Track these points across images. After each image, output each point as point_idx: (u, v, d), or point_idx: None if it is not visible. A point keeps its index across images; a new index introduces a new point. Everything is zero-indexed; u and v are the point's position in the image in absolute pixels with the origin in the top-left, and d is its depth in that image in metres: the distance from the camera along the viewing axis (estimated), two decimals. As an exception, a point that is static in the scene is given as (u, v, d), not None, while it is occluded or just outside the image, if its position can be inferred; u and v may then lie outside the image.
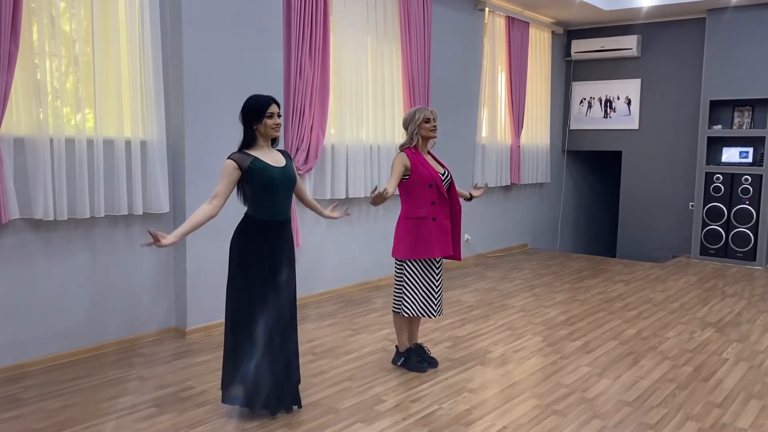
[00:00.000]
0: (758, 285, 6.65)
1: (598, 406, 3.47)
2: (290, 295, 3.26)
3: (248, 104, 3.14)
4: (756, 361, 4.25)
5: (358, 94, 5.81)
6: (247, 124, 3.15)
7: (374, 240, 6.28)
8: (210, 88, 4.57)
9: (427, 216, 3.81)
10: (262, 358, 3.15)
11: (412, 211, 3.83)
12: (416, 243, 3.81)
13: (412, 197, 3.83)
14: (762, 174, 7.52)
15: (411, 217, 3.83)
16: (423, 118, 3.83)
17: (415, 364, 3.98)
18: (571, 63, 9.15)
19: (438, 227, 3.84)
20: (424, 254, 3.82)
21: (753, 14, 7.44)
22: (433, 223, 3.82)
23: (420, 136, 3.84)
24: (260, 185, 3.11)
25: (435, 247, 3.82)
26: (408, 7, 6.18)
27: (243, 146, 3.18)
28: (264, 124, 3.14)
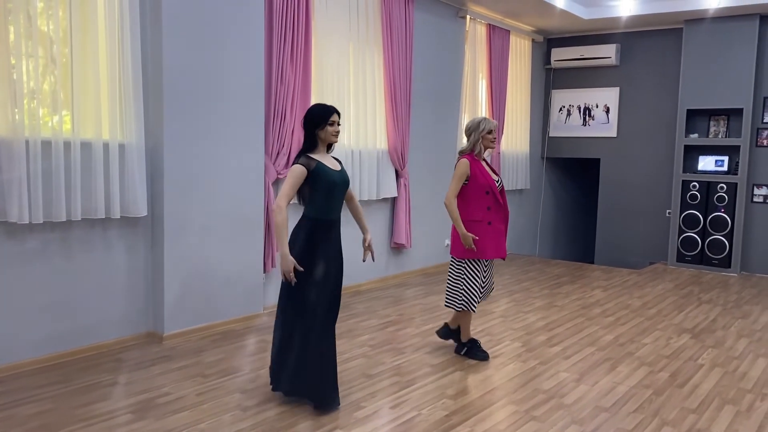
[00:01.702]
0: (733, 292, 6.75)
1: (575, 412, 3.49)
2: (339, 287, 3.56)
3: (313, 111, 3.41)
4: (731, 367, 4.31)
5: (339, 99, 5.81)
6: (310, 129, 3.40)
7: (354, 245, 6.26)
8: (190, 91, 4.54)
9: (483, 220, 4.14)
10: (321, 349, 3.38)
11: (470, 214, 4.14)
12: (474, 244, 4.10)
13: (470, 202, 4.14)
14: (737, 182, 7.65)
15: (468, 220, 4.14)
16: (487, 129, 4.17)
17: (478, 352, 4.30)
18: (550, 71, 9.24)
19: (493, 231, 4.16)
20: (478, 255, 4.14)
21: (729, 25, 7.58)
22: (489, 226, 4.14)
23: (482, 145, 4.19)
24: (322, 187, 3.37)
25: (489, 250, 4.15)
26: (390, 13, 6.20)
27: (304, 150, 3.43)
28: (325, 131, 3.40)
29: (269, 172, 5.16)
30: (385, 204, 6.61)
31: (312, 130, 3.39)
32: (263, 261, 5.19)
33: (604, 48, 8.59)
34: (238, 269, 4.98)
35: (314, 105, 3.48)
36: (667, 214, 8.34)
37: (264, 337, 4.70)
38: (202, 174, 4.67)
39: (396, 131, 6.39)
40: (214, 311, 4.84)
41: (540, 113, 9.28)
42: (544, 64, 9.21)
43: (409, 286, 6.56)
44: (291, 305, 3.42)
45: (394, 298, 6.01)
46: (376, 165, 6.26)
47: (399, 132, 6.43)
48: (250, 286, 5.09)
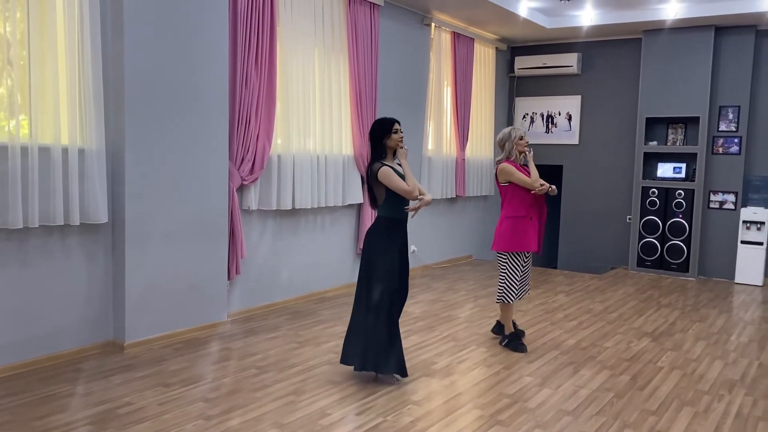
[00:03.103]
0: (691, 295, 6.92)
1: (539, 416, 3.53)
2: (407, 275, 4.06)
3: (380, 124, 3.96)
4: (689, 369, 4.41)
5: (305, 104, 5.79)
6: (379, 139, 3.92)
7: (320, 251, 6.25)
8: (152, 95, 4.47)
9: (526, 216, 4.61)
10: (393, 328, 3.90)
11: (514, 211, 4.63)
12: (516, 238, 4.58)
13: (515, 200, 4.64)
14: (694, 189, 7.86)
15: (513, 216, 4.63)
16: (518, 136, 4.68)
17: (519, 345, 4.65)
18: (514, 79, 9.37)
19: (533, 226, 4.63)
20: (523, 248, 4.60)
21: (686, 36, 7.79)
22: (530, 222, 4.62)
23: (516, 151, 4.67)
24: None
25: (531, 242, 4.61)
26: (355, 19, 6.22)
27: (377, 158, 3.92)
28: (391, 138, 3.91)
29: (233, 178, 5.11)
30: (350, 210, 6.61)
31: (380, 140, 3.91)
32: (227, 268, 5.13)
33: (566, 57, 8.75)
34: (202, 276, 4.92)
35: (378, 119, 4.01)
36: (627, 220, 8.52)
37: (228, 344, 4.65)
38: (165, 179, 4.60)
39: (362, 137, 6.40)
40: (177, 319, 4.77)
41: (504, 120, 9.40)
42: (507, 71, 9.34)
43: (375, 292, 6.56)
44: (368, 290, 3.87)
45: (360, 305, 5.99)
46: (341, 171, 6.25)
47: (365, 138, 6.43)
48: (213, 293, 5.03)
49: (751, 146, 7.74)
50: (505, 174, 4.66)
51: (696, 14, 7.33)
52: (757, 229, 7.51)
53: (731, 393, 3.98)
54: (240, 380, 3.95)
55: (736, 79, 7.68)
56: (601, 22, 7.87)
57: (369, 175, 3.94)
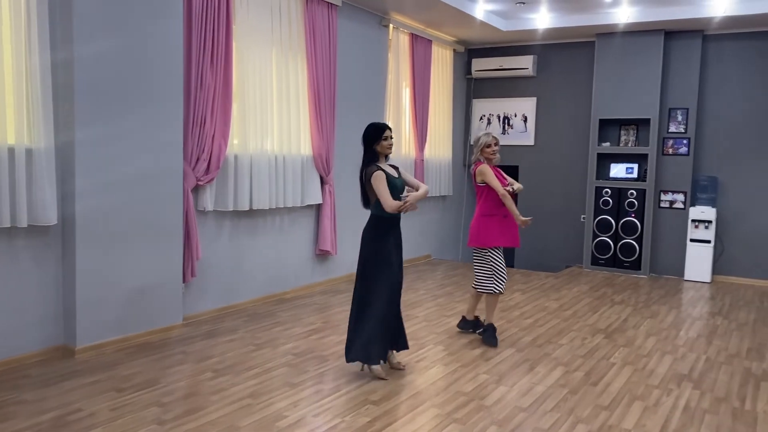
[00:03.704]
0: (643, 293, 7.11)
1: (495, 413, 3.58)
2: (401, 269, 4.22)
3: (371, 130, 4.09)
4: (640, 365, 4.53)
5: (262, 104, 5.74)
6: (369, 144, 4.08)
7: (279, 252, 6.20)
8: (104, 94, 4.37)
9: (499, 214, 4.88)
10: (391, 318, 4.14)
11: (489, 209, 4.89)
12: (492, 234, 4.87)
13: (489, 199, 4.89)
14: (645, 189, 8.07)
15: (488, 214, 4.89)
16: (484, 144, 4.91)
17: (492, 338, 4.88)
18: (471, 80, 9.47)
19: (509, 223, 4.91)
20: (499, 243, 4.88)
21: (638, 39, 8.00)
22: (504, 219, 4.89)
23: (483, 156, 4.90)
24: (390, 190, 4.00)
25: (504, 238, 4.90)
26: (313, 19, 6.19)
27: (368, 162, 4.08)
28: (381, 145, 4.06)
29: (188, 179, 5.03)
30: (309, 211, 6.58)
31: (371, 145, 4.07)
32: (182, 270, 5.05)
33: (521, 59, 8.89)
34: (156, 279, 4.83)
35: (370, 124, 4.13)
36: (581, 219, 8.69)
37: (184, 348, 4.57)
38: (117, 180, 4.50)
39: (320, 137, 6.38)
40: (130, 322, 4.67)
41: (462, 121, 9.49)
42: (465, 73, 9.43)
43: (334, 293, 6.55)
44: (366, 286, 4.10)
45: (319, 306, 5.98)
46: (300, 171, 6.22)
47: (323, 138, 6.42)
48: (168, 296, 4.94)
49: (699, 147, 7.99)
50: (483, 175, 4.87)
51: (646, 18, 7.53)
52: (705, 227, 7.75)
53: (680, 387, 4.10)
54: (195, 384, 3.89)
55: (685, 82, 7.92)
56: (555, 25, 8.01)
57: (363, 176, 4.09)
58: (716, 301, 6.80)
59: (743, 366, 4.57)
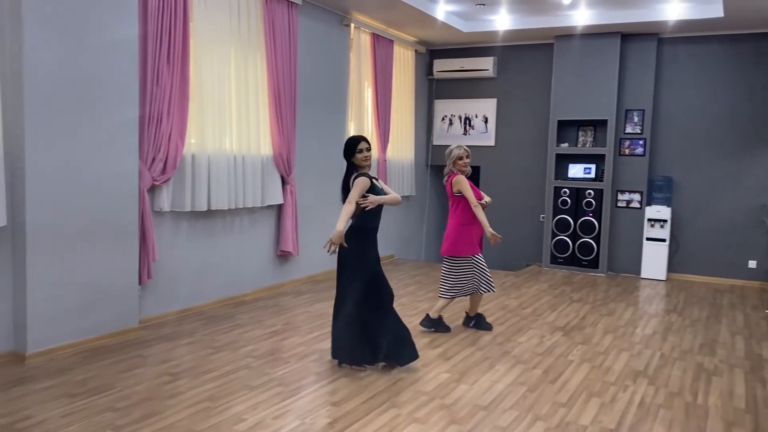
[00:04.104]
0: (600, 291, 7.24)
1: (455, 412, 3.59)
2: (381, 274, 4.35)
3: (346, 144, 4.23)
4: (597, 362, 4.60)
5: (221, 103, 5.66)
6: (347, 158, 4.21)
7: (238, 254, 6.12)
8: (55, 93, 4.24)
9: (476, 222, 5.12)
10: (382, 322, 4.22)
11: (466, 219, 5.12)
12: (472, 243, 5.14)
13: (466, 209, 5.10)
14: (603, 189, 8.22)
15: (466, 223, 5.13)
16: (457, 156, 5.09)
17: (443, 326, 5.24)
18: (433, 81, 9.51)
19: (480, 230, 5.16)
20: (477, 251, 5.16)
21: (595, 42, 8.14)
22: (480, 227, 5.14)
23: (455, 169, 5.09)
24: None
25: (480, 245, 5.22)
26: (273, 17, 6.13)
27: (352, 172, 4.19)
28: (356, 158, 4.18)
29: (144, 179, 4.92)
30: (270, 211, 6.51)
31: (348, 158, 4.21)
32: (138, 272, 4.94)
33: (482, 60, 8.96)
34: (111, 281, 4.71)
35: (349, 137, 4.28)
36: (541, 219, 8.81)
37: (140, 352, 4.47)
38: (70, 180, 4.38)
39: (281, 137, 6.32)
40: (84, 326, 4.55)
41: (424, 122, 9.52)
42: (427, 74, 9.47)
43: (296, 294, 6.50)
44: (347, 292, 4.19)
45: (280, 307, 5.92)
46: (260, 171, 6.15)
47: (284, 138, 6.36)
48: (123, 298, 4.83)
49: (654, 148, 8.17)
50: (460, 186, 5.08)
51: (603, 21, 7.67)
52: (661, 226, 7.94)
53: (635, 383, 4.18)
54: (152, 388, 3.81)
55: (641, 84, 8.09)
56: (515, 27, 8.10)
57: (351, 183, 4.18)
58: (671, 298, 6.96)
59: (696, 361, 4.68)
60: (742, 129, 7.72)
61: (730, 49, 7.73)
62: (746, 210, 7.73)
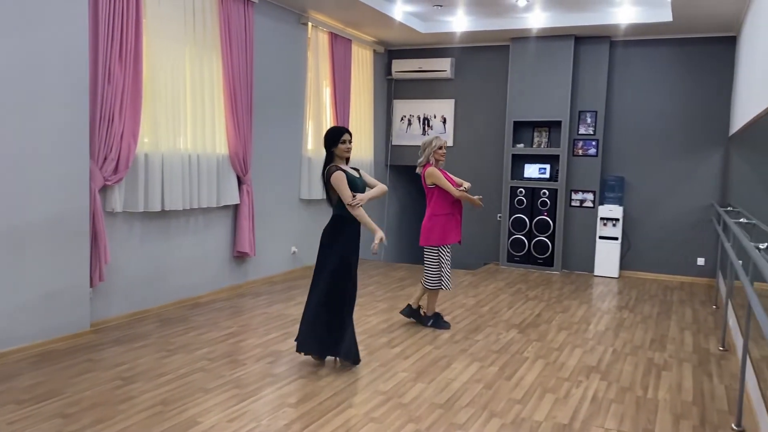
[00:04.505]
0: (555, 288, 7.37)
1: (412, 411, 3.60)
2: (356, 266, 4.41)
3: (328, 133, 4.25)
4: (551, 358, 4.69)
5: (175, 101, 5.57)
6: (328, 147, 4.24)
7: (194, 255, 6.03)
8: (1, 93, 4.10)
9: (450, 213, 5.24)
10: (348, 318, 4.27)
11: (441, 209, 5.22)
12: (445, 233, 5.22)
13: (440, 199, 5.22)
14: (557, 188, 8.38)
15: (441, 213, 5.22)
16: (437, 146, 5.22)
17: (443, 322, 5.34)
18: (392, 81, 9.54)
19: (456, 222, 5.28)
20: (450, 240, 5.24)
21: (550, 44, 8.29)
22: (454, 218, 5.26)
23: (434, 158, 5.22)
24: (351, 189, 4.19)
25: (456, 235, 5.29)
26: (228, 16, 6.06)
27: (329, 162, 4.24)
28: (339, 148, 4.22)
29: (95, 179, 4.80)
30: (226, 211, 6.43)
31: (329, 148, 4.23)
32: (89, 274, 4.82)
33: (440, 61, 9.03)
34: (60, 284, 4.58)
35: (331, 128, 4.29)
36: (498, 218, 8.92)
37: (91, 356, 4.36)
38: (18, 181, 4.24)
39: (237, 136, 6.24)
40: (32, 331, 4.41)
41: (383, 122, 9.54)
42: (385, 74, 9.49)
43: (253, 295, 6.43)
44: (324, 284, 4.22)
45: (236, 309, 5.86)
46: (215, 171, 6.07)
47: (240, 137, 6.29)
48: (74, 301, 4.70)
49: (606, 148, 8.36)
50: (433, 178, 5.19)
51: (558, 24, 7.81)
52: (613, 225, 8.13)
53: (588, 378, 4.27)
54: (103, 393, 3.72)
55: (594, 86, 8.27)
56: (472, 29, 8.19)
57: (324, 177, 4.25)
58: (623, 295, 7.13)
59: (646, 356, 4.81)
60: (690, 130, 7.96)
61: (679, 53, 7.96)
62: (695, 209, 7.98)
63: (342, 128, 4.29)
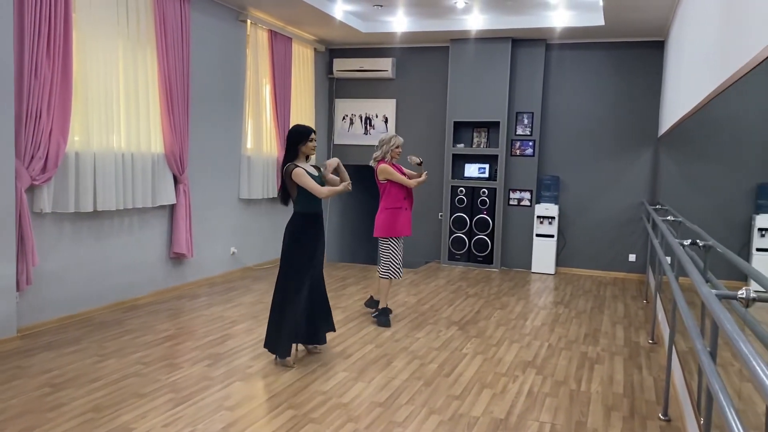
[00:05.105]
0: (494, 285, 7.51)
1: (352, 410, 3.61)
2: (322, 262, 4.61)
3: (296, 131, 4.39)
4: (489, 354, 4.78)
5: (107, 98, 5.39)
6: (294, 144, 4.36)
7: (129, 256, 5.86)
8: None
9: (402, 207, 5.52)
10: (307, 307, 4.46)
11: (392, 203, 5.49)
12: (395, 225, 5.49)
13: (392, 194, 5.51)
14: (496, 187, 8.54)
15: (392, 207, 5.50)
16: (395, 144, 5.53)
17: (385, 320, 5.47)
18: (333, 80, 9.51)
19: (406, 215, 5.56)
20: (400, 233, 5.53)
21: (488, 46, 8.43)
22: (405, 211, 5.55)
23: (392, 155, 5.53)
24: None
25: (406, 229, 5.57)
26: (164, 11, 5.91)
27: (289, 160, 4.36)
28: (307, 146, 4.38)
29: (21, 178, 4.60)
30: (162, 211, 6.27)
31: (295, 145, 4.35)
32: (16, 277, 4.61)
33: (381, 61, 9.06)
34: (-16, 288, 4.37)
35: (297, 125, 4.44)
36: (439, 217, 9.03)
37: (18, 363, 4.19)
38: (-66, 180, 4.02)
39: (173, 134, 6.10)
40: (-47, 338, 4.20)
41: (325, 121, 9.50)
42: (327, 73, 9.45)
43: (191, 297, 6.30)
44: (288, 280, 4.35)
45: (173, 311, 5.72)
46: (150, 170, 5.91)
47: (177, 135, 6.15)
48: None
49: (543, 149, 8.58)
50: (386, 173, 5.47)
51: (495, 26, 7.95)
52: (549, 223, 8.34)
53: (524, 373, 4.37)
54: (31, 400, 3.57)
55: (530, 88, 8.46)
56: (412, 30, 8.25)
57: (284, 174, 4.36)
58: (559, 291, 7.34)
59: (580, 351, 4.96)
60: (622, 131, 8.25)
61: (611, 56, 8.24)
62: (626, 207, 8.27)
63: (309, 127, 4.44)
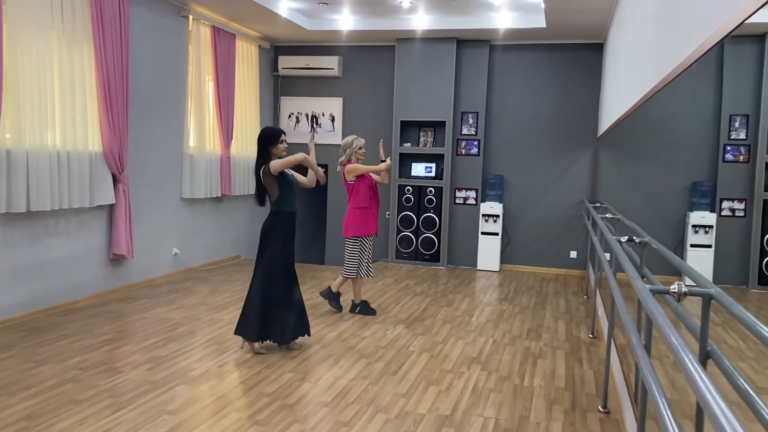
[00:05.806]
0: (441, 283, 7.58)
1: (298, 411, 3.58)
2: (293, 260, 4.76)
3: (266, 134, 4.58)
4: (435, 351, 4.82)
5: (41, 95, 5.19)
6: (265, 147, 4.53)
7: (65, 258, 5.65)
8: None
9: (368, 207, 5.76)
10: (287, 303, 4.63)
11: (359, 203, 5.73)
12: (363, 225, 5.74)
13: (360, 194, 5.74)
14: (442, 186, 8.62)
15: (359, 207, 5.73)
16: (358, 146, 5.80)
17: (369, 309, 5.81)
18: (278, 78, 9.41)
19: (373, 215, 5.81)
20: (369, 232, 5.77)
21: (434, 46, 8.50)
22: (371, 211, 5.79)
23: (356, 157, 5.77)
24: (287, 187, 4.60)
25: (373, 228, 5.82)
26: (101, 6, 5.72)
27: (261, 163, 4.52)
28: (277, 148, 4.54)
29: (-52, 177, 4.39)
30: (101, 212, 6.07)
31: (266, 148, 4.52)
32: (-58, 282, 4.39)
33: (327, 59, 9.02)
34: None
35: (267, 128, 4.65)
36: (387, 216, 9.05)
37: (-56, 371, 3.98)
38: None
39: (111, 132, 5.92)
40: None
41: (270, 119, 9.39)
42: (272, 70, 9.35)
43: (131, 299, 6.13)
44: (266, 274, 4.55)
45: (113, 314, 5.56)
46: (88, 169, 5.71)
47: (115, 133, 5.97)
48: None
49: (487, 148, 8.70)
50: (355, 171, 5.72)
51: (440, 27, 8.03)
52: (494, 221, 8.48)
53: (470, 369, 4.43)
54: (-43, 411, 3.40)
55: (475, 88, 8.58)
56: (358, 28, 8.24)
57: (262, 174, 4.49)
58: (503, 287, 7.46)
59: (524, 346, 5.06)
60: (563, 131, 8.45)
61: (553, 57, 8.42)
62: (568, 205, 8.48)
63: (278, 129, 4.61)
